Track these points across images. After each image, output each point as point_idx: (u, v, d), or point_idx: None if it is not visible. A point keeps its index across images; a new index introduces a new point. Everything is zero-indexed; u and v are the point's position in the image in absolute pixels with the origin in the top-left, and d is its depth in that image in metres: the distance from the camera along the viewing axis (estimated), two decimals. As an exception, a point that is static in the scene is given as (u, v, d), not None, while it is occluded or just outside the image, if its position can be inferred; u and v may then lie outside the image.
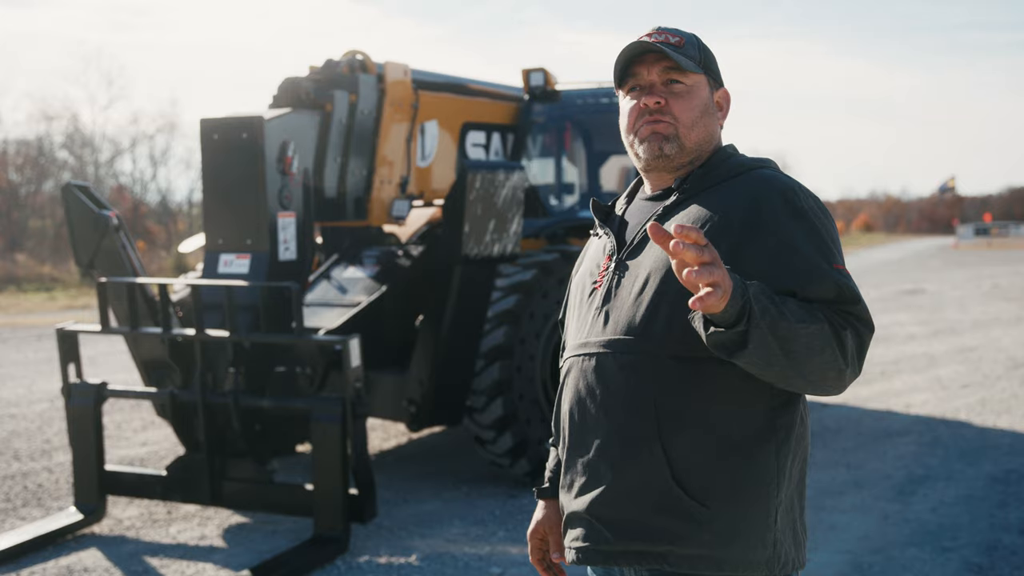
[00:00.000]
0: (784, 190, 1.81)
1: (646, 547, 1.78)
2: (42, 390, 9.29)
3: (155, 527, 5.33)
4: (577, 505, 1.86)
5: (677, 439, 1.75)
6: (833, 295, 1.70)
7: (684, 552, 1.75)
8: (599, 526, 1.82)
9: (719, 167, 1.89)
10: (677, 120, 1.87)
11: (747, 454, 1.76)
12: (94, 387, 5.26)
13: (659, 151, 1.88)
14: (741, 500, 1.76)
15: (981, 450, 6.74)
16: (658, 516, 1.76)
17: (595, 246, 2.02)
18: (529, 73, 7.42)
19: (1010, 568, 4.56)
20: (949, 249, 40.31)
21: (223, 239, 5.29)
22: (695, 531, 1.74)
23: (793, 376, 1.67)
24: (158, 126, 37.64)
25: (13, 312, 17.09)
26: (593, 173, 7.77)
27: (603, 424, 1.82)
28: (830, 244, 1.77)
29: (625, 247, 1.89)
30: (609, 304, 1.85)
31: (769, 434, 1.78)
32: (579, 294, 1.97)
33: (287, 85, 5.83)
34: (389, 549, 4.93)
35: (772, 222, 1.77)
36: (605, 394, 1.81)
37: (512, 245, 5.69)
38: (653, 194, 1.95)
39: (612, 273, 1.88)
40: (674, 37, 1.90)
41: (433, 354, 5.58)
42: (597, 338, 1.84)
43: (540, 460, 5.82)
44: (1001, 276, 23.13)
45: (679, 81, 1.88)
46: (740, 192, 1.83)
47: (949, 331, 12.98)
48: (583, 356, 1.87)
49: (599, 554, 1.84)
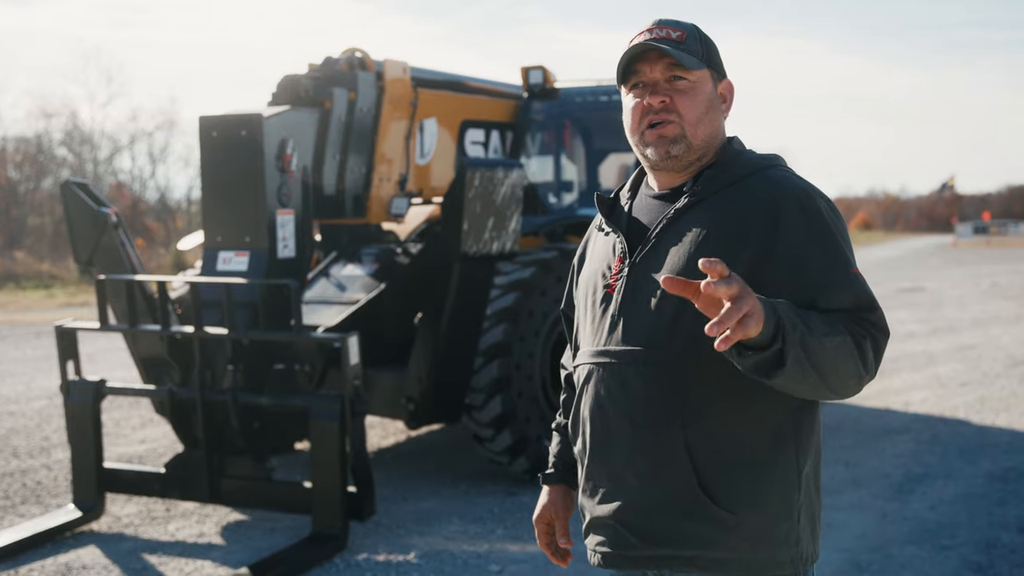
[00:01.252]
0: (799, 194, 1.82)
1: (674, 551, 1.81)
2: (41, 387, 9.29)
3: (154, 524, 5.33)
4: (601, 511, 1.88)
5: (702, 447, 1.77)
6: (851, 303, 1.73)
7: (713, 556, 1.79)
8: (625, 532, 1.84)
9: (729, 166, 1.88)
10: (682, 117, 1.86)
11: (770, 458, 1.79)
12: (93, 384, 5.26)
13: (667, 154, 1.87)
14: (766, 503, 1.79)
15: (980, 448, 6.74)
16: (685, 522, 1.78)
17: (602, 242, 1.99)
18: (528, 71, 7.42)
19: (1009, 566, 4.56)
20: (948, 247, 40.32)
21: (222, 236, 5.29)
22: (723, 536, 1.77)
23: (821, 388, 1.69)
24: (157, 123, 37.54)
25: (12, 309, 17.08)
26: (592, 171, 7.77)
27: (627, 433, 1.82)
28: (845, 249, 1.79)
29: (638, 251, 1.87)
30: (626, 312, 1.84)
31: (790, 436, 1.81)
32: (590, 295, 1.95)
33: (286, 83, 5.83)
34: (388, 547, 4.93)
35: (789, 230, 1.77)
36: (627, 403, 1.82)
37: (511, 243, 5.69)
38: (661, 192, 1.94)
39: (626, 277, 1.86)
40: (675, 32, 1.88)
41: (432, 352, 5.58)
42: (616, 347, 1.84)
43: (539, 458, 5.82)
44: (1000, 274, 23.15)
45: (683, 78, 1.87)
46: (755, 196, 1.82)
47: (948, 329, 12.98)
48: (602, 365, 1.86)
49: (624, 559, 1.87)
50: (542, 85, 7.42)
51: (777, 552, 1.79)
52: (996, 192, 75.88)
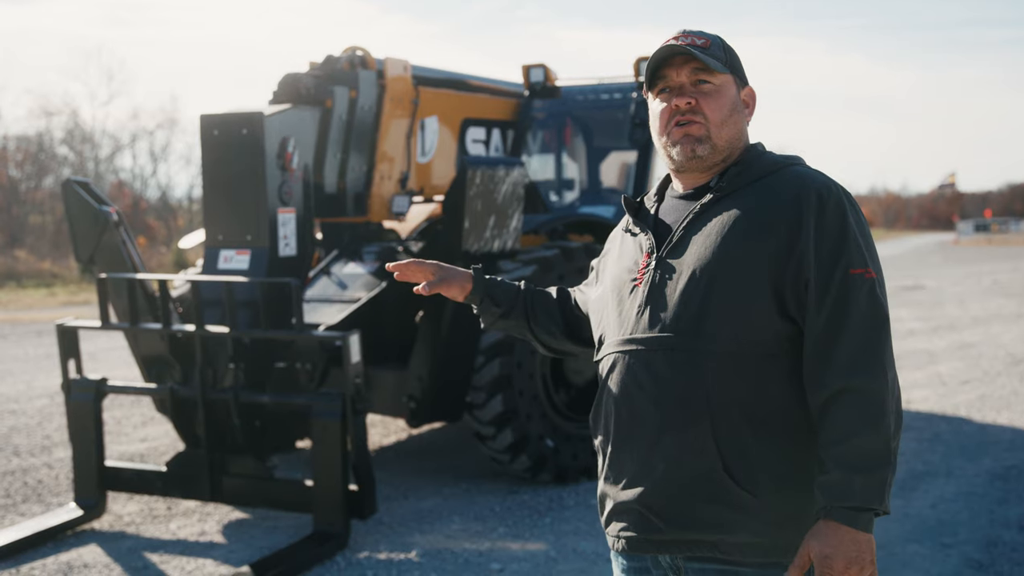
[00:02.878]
0: (821, 190, 1.87)
1: (698, 536, 1.85)
2: (42, 386, 9.29)
3: (155, 523, 5.33)
4: (626, 496, 1.92)
5: (727, 432, 1.83)
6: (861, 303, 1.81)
7: (735, 540, 1.84)
8: (651, 516, 1.89)
9: (753, 165, 1.95)
10: (708, 119, 1.93)
11: (792, 445, 1.85)
12: (94, 383, 5.26)
13: (692, 153, 1.94)
14: (788, 489, 1.84)
15: (981, 446, 6.74)
16: (710, 506, 1.83)
17: (629, 242, 2.05)
18: (529, 69, 7.42)
19: (1010, 564, 4.56)
20: (949, 245, 40.32)
21: (223, 235, 5.29)
22: (746, 520, 1.82)
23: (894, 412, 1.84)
24: (158, 122, 37.64)
25: (13, 308, 17.09)
26: (593, 169, 7.76)
27: (653, 418, 1.87)
28: (861, 244, 1.85)
29: (665, 244, 1.94)
30: (653, 301, 1.90)
31: (812, 426, 1.85)
32: (617, 291, 2.00)
33: (287, 81, 5.82)
34: (389, 545, 4.94)
35: (811, 225, 1.83)
36: (654, 389, 1.87)
37: (512, 241, 5.69)
38: (685, 192, 2.01)
39: (653, 271, 1.93)
40: (700, 39, 1.96)
41: (433, 350, 5.58)
42: (644, 335, 1.90)
43: (540, 456, 5.82)
44: (1001, 272, 23.13)
45: (707, 81, 1.95)
46: (778, 192, 1.89)
47: (949, 327, 12.98)
48: (628, 352, 1.92)
49: (650, 543, 1.91)
50: (543, 83, 7.42)
51: (795, 538, 1.83)
52: (997, 190, 76.00)
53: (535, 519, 5.34)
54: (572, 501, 5.65)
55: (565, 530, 5.14)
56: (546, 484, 5.91)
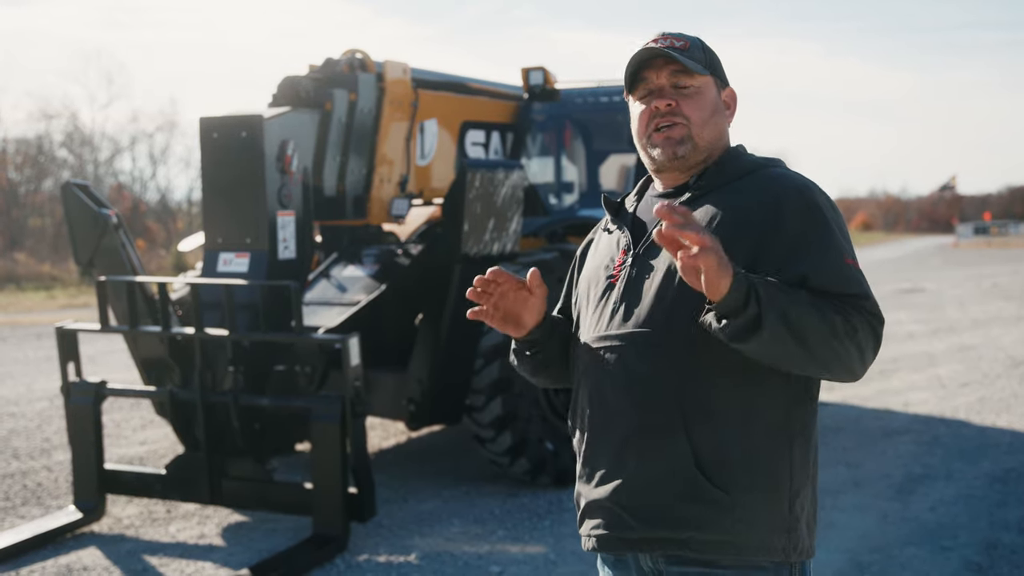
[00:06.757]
0: (800, 188, 1.88)
1: (669, 534, 1.84)
2: (42, 389, 9.29)
3: (154, 526, 5.33)
4: (598, 494, 1.91)
5: (700, 429, 1.81)
6: (842, 289, 1.77)
7: (706, 538, 1.82)
8: (623, 514, 1.87)
9: (732, 165, 1.95)
10: (689, 120, 1.93)
11: (766, 444, 1.83)
12: (93, 386, 5.26)
13: (673, 154, 1.94)
14: (761, 488, 1.82)
15: (980, 449, 6.74)
16: (681, 503, 1.82)
17: (605, 241, 2.05)
18: (528, 72, 7.42)
19: (1009, 567, 4.56)
20: (948, 248, 40.31)
21: (222, 238, 5.29)
22: (717, 518, 1.81)
23: (810, 362, 1.73)
24: (157, 125, 37.50)
25: (13, 311, 17.09)
26: (592, 172, 7.77)
27: (626, 414, 1.86)
28: (842, 240, 1.84)
29: (642, 242, 1.94)
30: (628, 298, 1.90)
31: (786, 425, 1.84)
32: (592, 288, 2.00)
33: (286, 84, 5.83)
34: (388, 548, 4.93)
35: (789, 219, 1.83)
36: (628, 385, 1.86)
37: (511, 244, 5.69)
38: (665, 191, 2.00)
39: (629, 267, 1.93)
40: (679, 41, 1.95)
41: (432, 353, 5.58)
42: (617, 331, 1.89)
43: (540, 459, 5.82)
44: (1001, 275, 23.13)
45: (688, 83, 1.94)
46: (756, 189, 1.89)
47: (948, 330, 12.98)
48: (603, 348, 1.91)
49: (621, 541, 1.90)
50: (542, 86, 7.42)
51: (768, 538, 1.82)
52: (996, 193, 75.90)
53: (535, 522, 5.34)
54: (571, 504, 5.64)
55: (565, 533, 5.14)
56: (546, 487, 5.91)
